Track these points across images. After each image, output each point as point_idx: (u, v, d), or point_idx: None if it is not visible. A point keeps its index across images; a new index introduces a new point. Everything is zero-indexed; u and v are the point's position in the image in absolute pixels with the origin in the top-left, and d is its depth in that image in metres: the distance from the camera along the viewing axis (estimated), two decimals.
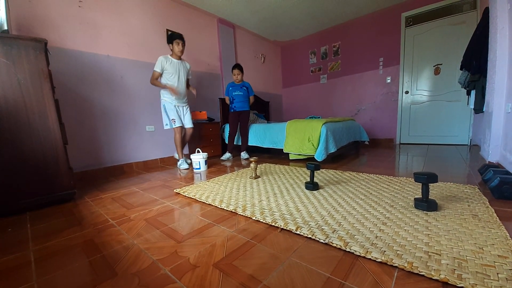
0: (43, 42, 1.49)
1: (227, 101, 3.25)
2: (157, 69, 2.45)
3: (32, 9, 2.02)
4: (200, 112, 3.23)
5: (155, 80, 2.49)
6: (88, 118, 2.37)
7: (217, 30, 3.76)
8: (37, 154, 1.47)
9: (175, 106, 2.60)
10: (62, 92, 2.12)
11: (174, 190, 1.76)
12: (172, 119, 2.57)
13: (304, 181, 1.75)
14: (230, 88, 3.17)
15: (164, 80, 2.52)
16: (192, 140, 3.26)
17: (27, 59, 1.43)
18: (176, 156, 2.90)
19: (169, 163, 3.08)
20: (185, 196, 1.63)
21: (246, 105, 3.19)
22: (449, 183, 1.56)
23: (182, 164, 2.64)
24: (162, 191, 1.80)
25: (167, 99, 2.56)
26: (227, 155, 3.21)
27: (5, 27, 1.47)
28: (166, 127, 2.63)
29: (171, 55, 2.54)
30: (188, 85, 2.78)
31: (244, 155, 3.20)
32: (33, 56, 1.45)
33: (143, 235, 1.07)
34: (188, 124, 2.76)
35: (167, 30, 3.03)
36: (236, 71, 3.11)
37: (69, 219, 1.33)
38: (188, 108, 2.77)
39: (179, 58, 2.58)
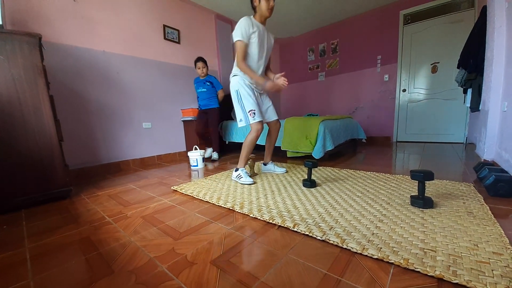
0: (38, 37, 1.46)
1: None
2: (241, 37, 1.60)
3: (26, 3, 1.98)
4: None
5: (244, 60, 1.65)
6: (84, 115, 2.34)
7: (214, 26, 3.72)
8: (32, 151, 1.45)
9: (253, 90, 1.78)
10: (57, 88, 2.09)
11: (171, 188, 1.75)
12: (251, 111, 1.72)
13: (302, 179, 1.75)
14: (195, 85, 2.98)
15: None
16: (191, 137, 3.24)
17: (21, 54, 1.40)
18: (210, 154, 2.53)
19: (166, 160, 3.07)
20: (183, 193, 1.62)
21: (212, 102, 2.93)
22: (445, 180, 1.57)
23: (244, 176, 1.74)
24: (159, 188, 1.79)
25: (242, 82, 1.75)
26: (207, 152, 2.94)
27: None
28: (240, 124, 1.78)
29: (254, 17, 1.71)
30: (269, 66, 1.94)
31: (214, 155, 2.87)
32: (28, 51, 1.42)
33: (140, 233, 1.06)
34: (273, 115, 1.94)
35: (164, 26, 3.00)
36: (200, 64, 2.80)
37: (65, 216, 1.32)
38: (267, 95, 1.95)
39: (264, 23, 1.75)
